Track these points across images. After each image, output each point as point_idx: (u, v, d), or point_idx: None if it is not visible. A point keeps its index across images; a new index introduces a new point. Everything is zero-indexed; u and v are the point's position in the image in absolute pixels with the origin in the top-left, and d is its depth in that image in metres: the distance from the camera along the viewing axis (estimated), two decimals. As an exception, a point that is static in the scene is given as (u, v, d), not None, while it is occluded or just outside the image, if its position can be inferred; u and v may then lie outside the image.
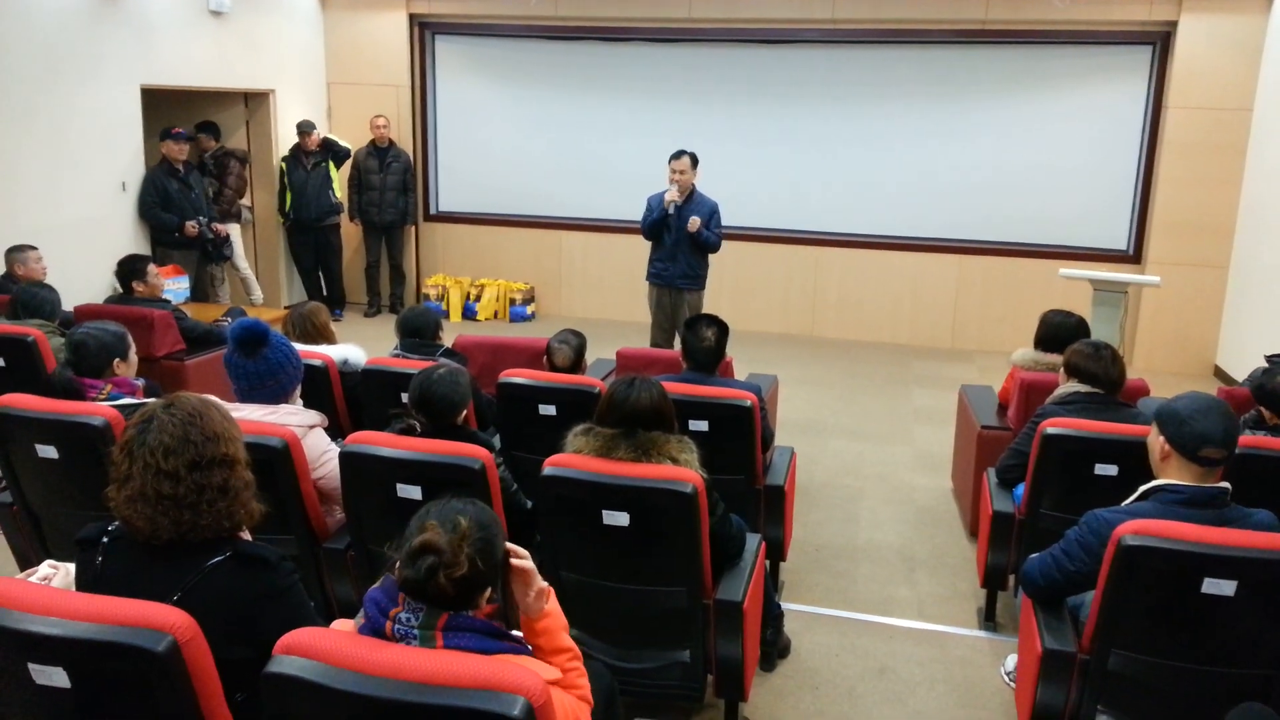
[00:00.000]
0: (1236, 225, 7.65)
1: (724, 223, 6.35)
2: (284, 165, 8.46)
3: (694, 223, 5.99)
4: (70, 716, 1.81)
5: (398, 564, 1.75)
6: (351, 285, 9.28)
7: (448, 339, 4.60)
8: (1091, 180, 8.19)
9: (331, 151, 8.60)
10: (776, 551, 3.94)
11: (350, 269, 9.23)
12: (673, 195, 6.00)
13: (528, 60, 9.14)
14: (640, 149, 8.54)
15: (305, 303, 4.64)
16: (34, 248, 5.54)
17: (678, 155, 6.03)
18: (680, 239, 6.08)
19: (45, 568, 2.11)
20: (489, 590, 1.82)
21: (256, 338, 3.08)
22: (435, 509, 1.80)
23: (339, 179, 8.71)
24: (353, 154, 8.84)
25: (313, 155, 8.45)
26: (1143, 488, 2.64)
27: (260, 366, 3.09)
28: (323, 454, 3.12)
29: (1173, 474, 2.60)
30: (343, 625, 1.81)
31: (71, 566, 2.09)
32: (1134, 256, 8.12)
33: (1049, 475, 3.43)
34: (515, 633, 1.90)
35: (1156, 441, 2.64)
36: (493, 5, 8.82)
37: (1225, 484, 2.57)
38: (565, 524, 2.82)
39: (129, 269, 5.55)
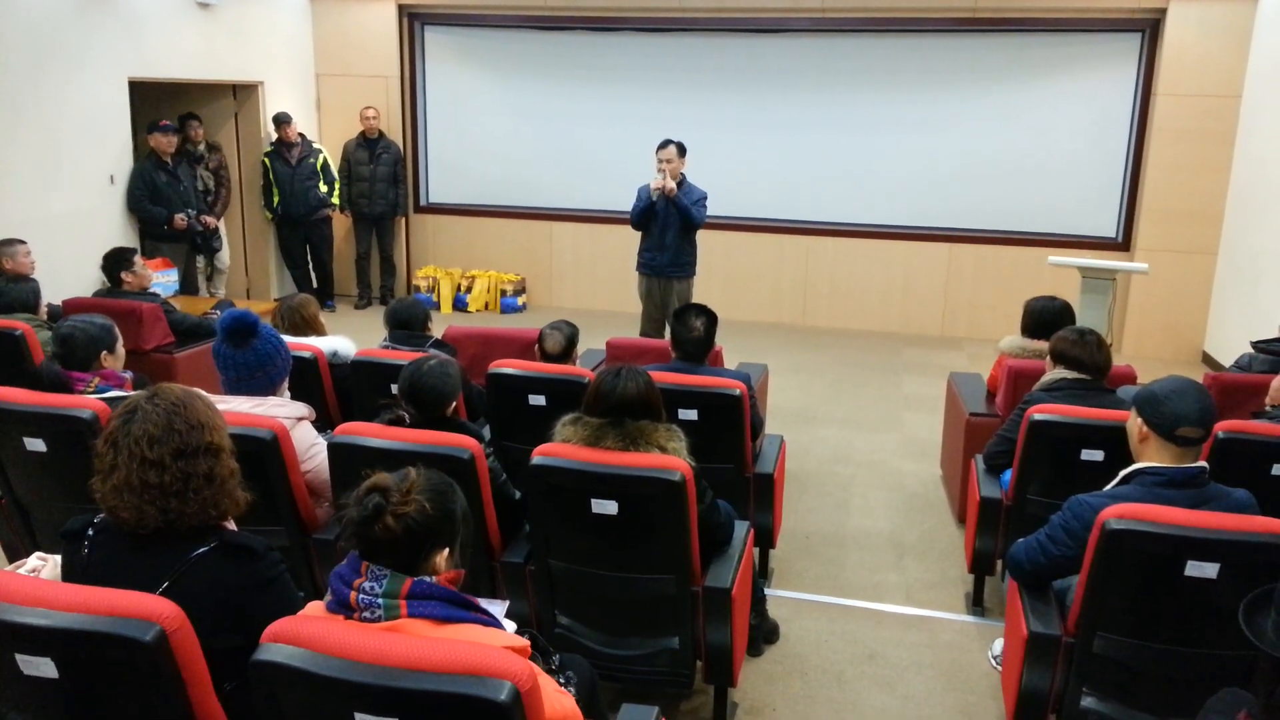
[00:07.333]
0: (1225, 212, 7.68)
1: (715, 212, 6.35)
2: (267, 160, 8.39)
3: (670, 188, 5.97)
4: (59, 707, 1.82)
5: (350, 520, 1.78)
6: (342, 277, 9.25)
7: (438, 330, 4.59)
8: (1080, 167, 8.21)
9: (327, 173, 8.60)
10: (766, 539, 3.96)
11: (340, 260, 9.21)
12: (658, 183, 6.01)
13: (518, 50, 9.11)
14: (630, 139, 8.51)
15: (295, 295, 4.64)
16: (22, 242, 5.52)
17: (664, 145, 6.05)
18: (667, 227, 6.09)
19: (34, 559, 2.12)
20: (446, 550, 1.82)
21: (246, 328, 3.08)
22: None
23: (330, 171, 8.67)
24: (342, 146, 8.82)
25: (295, 149, 8.38)
26: (1124, 471, 2.66)
27: (249, 358, 3.08)
28: (310, 447, 3.12)
29: (1152, 456, 2.62)
30: (315, 607, 1.82)
31: (59, 558, 2.09)
32: (1123, 243, 8.15)
33: (1036, 461, 3.45)
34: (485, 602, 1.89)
35: (1135, 424, 2.67)
36: (482, -5, 8.81)
37: (1203, 463, 2.60)
38: (554, 513, 2.83)
39: (115, 261, 5.53)
